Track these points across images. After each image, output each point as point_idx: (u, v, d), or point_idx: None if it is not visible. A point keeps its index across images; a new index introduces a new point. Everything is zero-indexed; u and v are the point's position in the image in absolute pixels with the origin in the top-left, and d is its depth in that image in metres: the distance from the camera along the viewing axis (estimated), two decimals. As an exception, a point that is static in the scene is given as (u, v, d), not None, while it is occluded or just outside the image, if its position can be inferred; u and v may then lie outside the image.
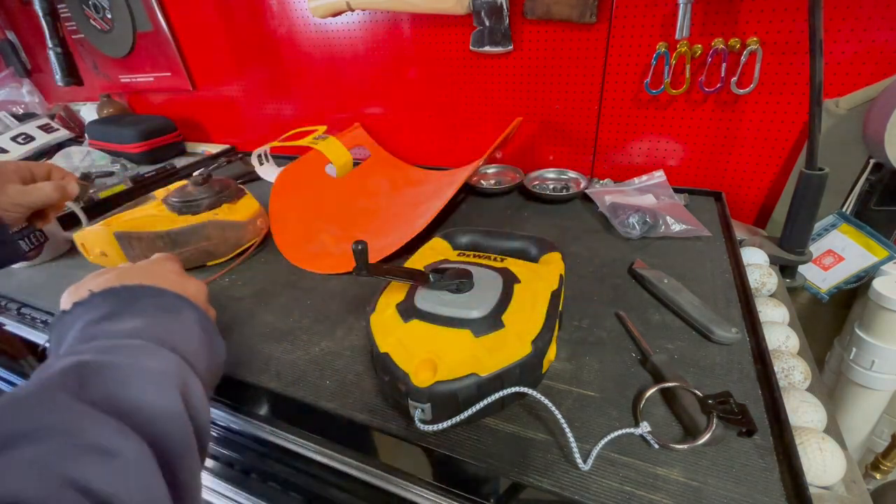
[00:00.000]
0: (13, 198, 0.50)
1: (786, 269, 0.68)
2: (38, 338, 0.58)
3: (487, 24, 0.79)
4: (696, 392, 0.39)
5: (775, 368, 0.43)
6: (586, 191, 0.79)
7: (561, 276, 0.48)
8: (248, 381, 0.47)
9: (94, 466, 0.22)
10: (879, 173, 0.67)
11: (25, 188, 0.52)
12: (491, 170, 0.91)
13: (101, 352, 0.28)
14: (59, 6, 1.05)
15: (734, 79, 0.68)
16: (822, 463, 0.36)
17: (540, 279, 0.45)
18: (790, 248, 0.67)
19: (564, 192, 0.81)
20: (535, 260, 0.51)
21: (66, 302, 0.35)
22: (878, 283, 0.66)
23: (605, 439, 0.36)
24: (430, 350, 0.37)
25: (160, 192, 0.72)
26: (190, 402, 0.29)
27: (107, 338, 0.31)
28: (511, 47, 0.80)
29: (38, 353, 0.56)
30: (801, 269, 0.70)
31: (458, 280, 0.41)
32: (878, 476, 0.73)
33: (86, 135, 1.22)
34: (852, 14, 0.60)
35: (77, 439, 0.22)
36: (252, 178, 1.01)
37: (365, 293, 0.58)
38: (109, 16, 1.15)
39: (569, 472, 0.35)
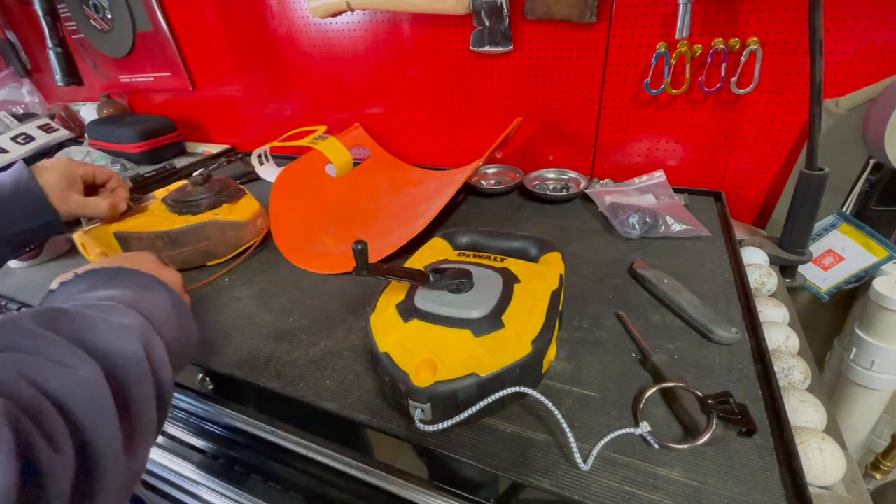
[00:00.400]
0: (73, 207, 0.56)
1: (786, 269, 0.68)
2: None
3: (487, 24, 0.79)
4: (696, 392, 0.39)
5: (775, 368, 0.43)
6: (586, 191, 0.79)
7: (561, 276, 0.48)
8: (249, 381, 0.47)
9: (51, 372, 0.24)
10: (879, 173, 0.67)
11: (85, 202, 0.57)
12: (491, 170, 0.91)
13: (77, 306, 0.31)
14: (59, 6, 1.05)
15: (734, 79, 0.68)
16: (822, 463, 0.36)
17: (540, 279, 0.45)
18: (790, 248, 0.67)
19: (564, 192, 0.81)
20: (535, 260, 0.51)
21: (54, 284, 0.38)
22: (878, 283, 0.66)
23: (605, 439, 0.36)
24: (430, 350, 0.37)
25: (160, 192, 0.72)
26: (152, 357, 0.31)
27: (86, 300, 0.34)
28: (511, 47, 0.80)
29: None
30: (801, 269, 0.70)
31: (458, 280, 0.41)
32: (878, 476, 0.73)
33: (86, 135, 1.22)
34: (852, 14, 0.60)
35: (39, 354, 0.25)
36: (252, 178, 1.01)
37: (365, 293, 0.59)
38: (109, 16, 1.15)
39: (569, 472, 0.35)
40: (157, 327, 0.33)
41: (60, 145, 1.23)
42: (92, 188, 0.61)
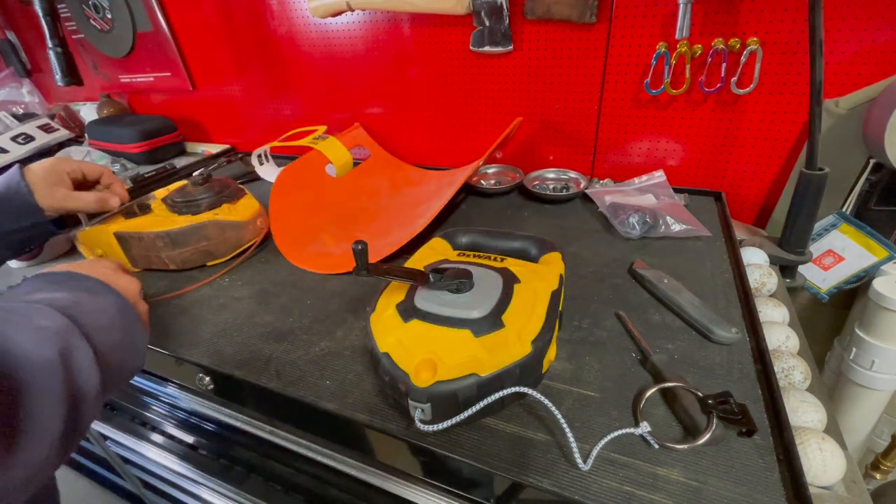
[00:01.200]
0: (59, 202, 0.55)
1: (786, 269, 0.68)
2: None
3: (487, 24, 0.79)
4: (696, 392, 0.39)
5: (775, 368, 0.43)
6: (586, 191, 0.79)
7: (561, 276, 0.48)
8: (249, 381, 0.47)
9: None
10: (879, 173, 0.67)
11: (70, 195, 0.56)
12: (491, 170, 0.91)
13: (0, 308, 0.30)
14: (59, 6, 1.05)
15: (734, 79, 0.68)
16: (822, 463, 0.36)
17: (540, 279, 0.45)
18: (790, 248, 0.67)
19: (564, 192, 0.81)
20: (535, 260, 0.51)
21: (2, 287, 0.39)
22: (878, 283, 0.66)
23: (605, 439, 0.36)
24: (430, 350, 0.37)
25: (160, 192, 0.72)
26: (71, 363, 0.30)
27: (15, 302, 0.33)
28: (511, 47, 0.80)
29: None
30: (801, 269, 0.70)
31: (458, 280, 0.41)
32: (878, 476, 0.73)
33: (86, 135, 1.22)
34: (852, 14, 0.60)
35: None
36: (252, 178, 1.01)
37: (365, 293, 0.59)
38: (109, 16, 1.15)
39: (569, 472, 0.35)
40: (90, 333, 0.33)
41: (60, 145, 1.23)
42: (85, 186, 0.61)
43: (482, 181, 0.88)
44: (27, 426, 0.26)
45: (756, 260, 0.63)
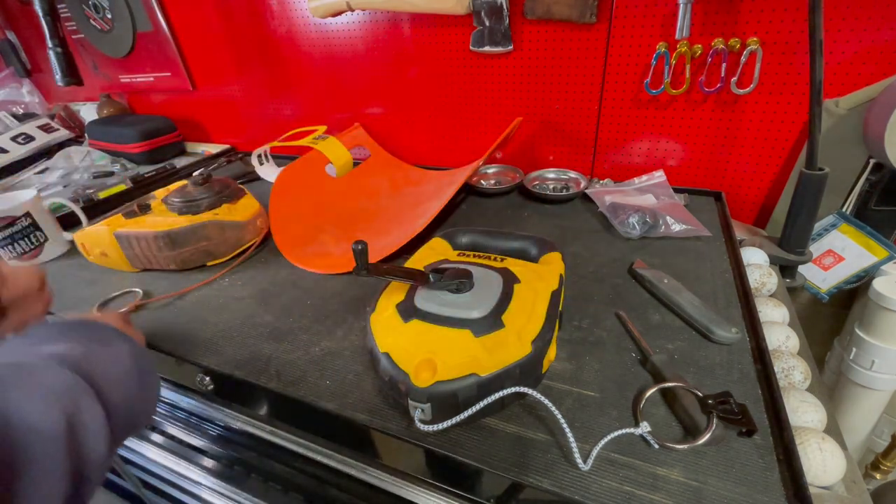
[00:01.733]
0: None
1: (786, 269, 0.68)
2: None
3: (487, 24, 0.79)
4: (696, 392, 0.39)
5: (775, 368, 0.43)
6: (586, 191, 0.79)
7: (561, 276, 0.48)
8: (249, 381, 0.47)
9: None
10: (879, 173, 0.67)
11: None
12: (491, 170, 0.91)
13: (2, 366, 0.28)
14: (59, 6, 1.05)
15: (734, 79, 0.68)
16: (822, 463, 0.36)
17: (540, 279, 0.45)
18: (790, 248, 0.67)
19: (564, 192, 0.81)
20: (535, 260, 0.51)
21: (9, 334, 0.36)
22: (878, 283, 0.66)
23: (605, 439, 0.36)
24: (430, 350, 0.37)
25: (160, 192, 0.72)
26: (77, 428, 0.27)
27: (21, 356, 0.30)
28: (511, 47, 0.80)
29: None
30: (801, 269, 0.70)
31: (458, 280, 0.41)
32: (878, 476, 0.73)
33: (86, 135, 1.22)
34: (852, 14, 0.60)
35: None
36: (252, 178, 1.01)
37: (365, 293, 0.58)
38: (109, 16, 1.15)
39: (569, 472, 0.35)
40: (102, 388, 0.30)
41: (60, 145, 1.23)
42: None
43: (482, 181, 0.88)
44: (24, 502, 0.24)
45: (756, 260, 0.63)
